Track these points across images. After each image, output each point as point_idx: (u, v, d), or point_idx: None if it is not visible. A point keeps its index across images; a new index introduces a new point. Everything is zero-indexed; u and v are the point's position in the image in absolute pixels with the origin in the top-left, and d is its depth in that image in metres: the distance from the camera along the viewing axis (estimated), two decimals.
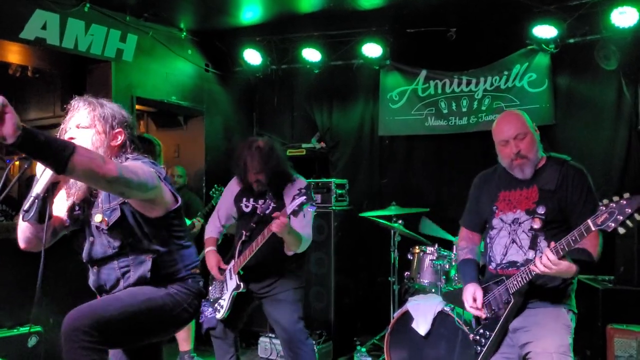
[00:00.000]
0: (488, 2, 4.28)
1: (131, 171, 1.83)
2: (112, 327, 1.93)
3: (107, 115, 2.03)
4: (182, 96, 5.28)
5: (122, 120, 2.07)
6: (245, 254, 3.08)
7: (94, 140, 2.00)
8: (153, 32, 4.91)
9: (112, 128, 2.03)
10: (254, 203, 3.21)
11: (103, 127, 2.02)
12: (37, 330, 3.63)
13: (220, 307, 3.17)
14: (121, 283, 2.08)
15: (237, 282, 3.11)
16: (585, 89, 4.52)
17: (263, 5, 4.64)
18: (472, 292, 2.46)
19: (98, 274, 2.11)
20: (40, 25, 4.08)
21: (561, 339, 2.30)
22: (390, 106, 5.22)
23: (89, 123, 2.02)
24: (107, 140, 2.02)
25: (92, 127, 2.02)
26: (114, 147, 2.05)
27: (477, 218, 2.64)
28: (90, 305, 2.00)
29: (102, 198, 2.04)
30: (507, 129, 2.44)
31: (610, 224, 2.01)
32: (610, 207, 2.02)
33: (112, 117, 2.04)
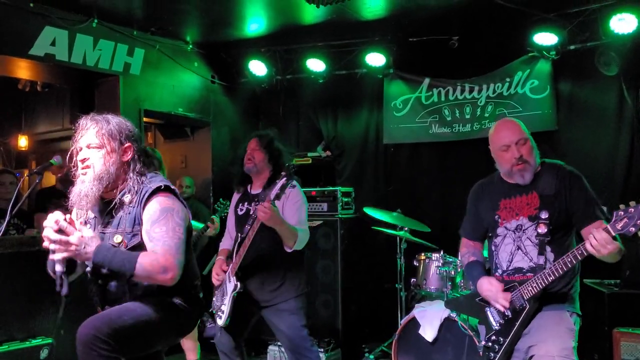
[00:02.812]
0: (489, 10, 4.32)
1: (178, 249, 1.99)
2: (127, 336, 1.98)
3: (114, 132, 2.07)
4: (189, 108, 5.34)
5: (129, 135, 2.11)
6: (240, 252, 3.04)
7: (105, 160, 2.05)
8: (160, 45, 4.99)
9: (122, 144, 2.08)
10: (248, 205, 3.23)
11: (112, 145, 2.07)
12: (48, 342, 3.67)
13: (222, 313, 3.12)
14: (127, 296, 2.11)
15: (234, 282, 3.05)
16: (586, 95, 4.55)
17: (267, 17, 4.70)
18: (488, 282, 2.45)
19: (105, 287, 2.13)
20: (49, 42, 4.16)
21: (564, 342, 2.30)
22: (395, 114, 5.26)
23: (99, 143, 2.06)
24: (118, 156, 2.07)
25: (103, 146, 2.06)
26: (125, 162, 2.09)
27: (477, 227, 2.66)
28: (106, 315, 2.04)
29: (124, 221, 2.07)
30: (508, 135, 2.47)
31: (631, 229, 2.02)
32: (629, 212, 2.04)
33: (119, 133, 2.08)
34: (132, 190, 2.07)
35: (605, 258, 2.18)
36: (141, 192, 2.05)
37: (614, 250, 2.10)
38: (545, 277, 2.28)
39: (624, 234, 2.05)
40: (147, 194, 2.03)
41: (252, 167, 3.20)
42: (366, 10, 4.43)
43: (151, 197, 2.03)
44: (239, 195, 3.36)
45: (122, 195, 2.08)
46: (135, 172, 2.09)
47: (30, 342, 3.63)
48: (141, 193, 2.05)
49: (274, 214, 2.85)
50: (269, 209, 2.79)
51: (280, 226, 2.93)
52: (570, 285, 2.45)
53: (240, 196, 3.35)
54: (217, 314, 3.15)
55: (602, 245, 2.09)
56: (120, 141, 2.07)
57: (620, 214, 2.06)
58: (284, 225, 2.94)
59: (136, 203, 2.05)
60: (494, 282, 2.44)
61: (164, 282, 1.96)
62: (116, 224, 2.08)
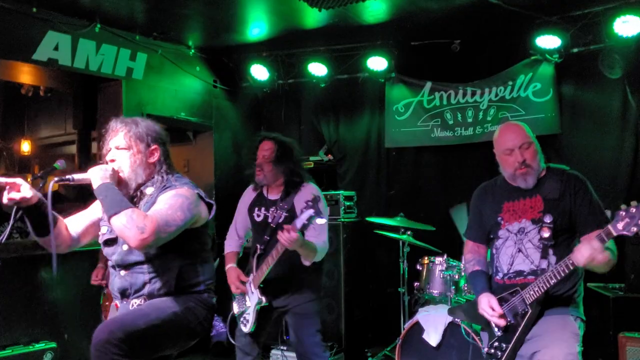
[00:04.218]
0: (491, 13, 4.31)
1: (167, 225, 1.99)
2: (140, 340, 2.01)
3: (142, 134, 2.15)
4: (191, 112, 5.34)
5: (156, 137, 2.19)
6: (262, 268, 3.02)
7: (132, 161, 2.13)
8: (162, 50, 5.00)
9: (149, 146, 2.16)
10: (265, 212, 3.17)
11: (139, 147, 2.15)
12: (51, 346, 3.67)
13: (247, 322, 3.12)
14: (147, 288, 2.14)
15: (258, 296, 3.05)
16: (590, 98, 4.53)
17: (269, 21, 4.71)
18: (488, 302, 2.43)
19: (125, 277, 2.16)
20: (52, 47, 4.16)
21: (569, 347, 2.29)
22: (396, 118, 5.26)
23: (127, 144, 2.14)
24: (144, 158, 2.15)
25: (130, 148, 2.14)
26: (152, 164, 2.17)
27: (481, 230, 2.65)
28: (120, 319, 2.06)
29: (141, 208, 2.13)
30: (512, 138, 2.46)
31: (633, 228, 2.02)
32: (630, 212, 2.03)
33: (147, 135, 2.16)
34: (156, 185, 2.15)
35: (594, 268, 2.20)
36: (163, 186, 2.14)
37: (603, 260, 2.12)
38: (547, 280, 2.27)
39: (625, 235, 2.04)
40: (170, 187, 2.12)
41: (262, 179, 3.14)
42: (368, 14, 4.43)
43: (173, 188, 2.12)
44: (254, 196, 3.27)
45: (144, 188, 2.16)
46: (162, 173, 2.17)
47: (34, 346, 3.63)
48: (163, 186, 2.13)
49: (299, 242, 2.81)
50: (294, 240, 2.75)
51: (301, 248, 2.90)
52: (574, 289, 2.43)
53: (256, 198, 3.26)
54: (242, 321, 3.15)
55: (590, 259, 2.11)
56: (147, 143, 2.15)
57: (621, 214, 2.05)
58: (305, 246, 2.91)
59: (155, 193, 2.13)
60: (494, 306, 2.42)
61: (132, 239, 1.94)
62: None
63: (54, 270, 2.01)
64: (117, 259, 2.19)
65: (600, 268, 2.20)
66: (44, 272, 3.94)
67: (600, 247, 2.10)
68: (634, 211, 2.02)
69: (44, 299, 3.93)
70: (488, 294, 2.46)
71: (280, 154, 3.09)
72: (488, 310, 2.42)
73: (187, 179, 2.22)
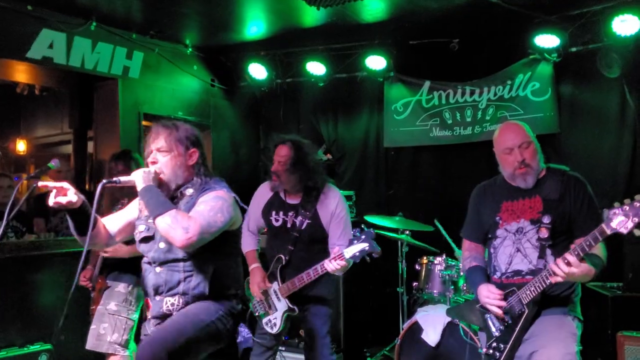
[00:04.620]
0: (490, 12, 4.30)
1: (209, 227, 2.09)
2: (180, 353, 2.09)
3: (182, 138, 2.24)
4: (189, 111, 5.32)
5: (194, 141, 2.27)
6: (294, 283, 2.97)
7: (172, 163, 2.22)
8: (159, 49, 4.97)
9: (187, 149, 2.24)
10: (284, 216, 3.10)
11: (179, 150, 2.23)
12: (47, 348, 3.64)
13: (274, 325, 3.09)
14: (181, 286, 2.19)
15: (288, 305, 3.02)
16: (588, 97, 4.53)
17: (267, 20, 4.69)
18: (487, 289, 2.43)
19: (160, 274, 2.21)
20: (47, 45, 4.13)
21: (566, 347, 2.29)
22: (395, 117, 5.25)
23: (168, 147, 2.22)
24: (184, 160, 2.23)
25: (171, 150, 2.23)
26: (190, 166, 2.25)
27: (478, 229, 2.64)
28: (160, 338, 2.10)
29: (181, 208, 2.19)
30: (511, 137, 2.46)
31: (628, 225, 2.00)
32: (624, 210, 2.02)
33: (186, 139, 2.25)
34: (195, 186, 2.24)
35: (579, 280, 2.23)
36: (205, 188, 2.22)
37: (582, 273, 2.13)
38: (544, 280, 2.26)
39: (620, 232, 2.03)
40: (209, 190, 2.21)
41: (279, 185, 3.08)
42: (366, 13, 4.42)
43: (212, 191, 2.21)
44: (271, 196, 3.18)
45: (184, 189, 2.24)
46: (200, 175, 2.26)
47: (29, 348, 3.61)
48: (203, 188, 2.22)
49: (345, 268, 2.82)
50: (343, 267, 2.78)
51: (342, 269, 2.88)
52: (571, 289, 2.43)
53: (273, 199, 3.17)
54: (267, 324, 3.12)
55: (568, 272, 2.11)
56: (187, 146, 2.23)
57: (615, 212, 2.04)
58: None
59: (195, 195, 2.22)
60: (493, 289, 2.42)
61: (177, 239, 2.04)
62: None
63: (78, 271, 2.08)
64: (153, 255, 2.24)
65: (581, 280, 2.22)
66: (40, 273, 3.91)
67: (576, 262, 2.10)
68: (627, 208, 2.01)
69: (39, 300, 3.90)
70: (486, 284, 2.46)
71: (297, 160, 3.01)
72: (489, 295, 2.40)
73: (224, 183, 2.30)
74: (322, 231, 3.04)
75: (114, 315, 3.31)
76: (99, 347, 3.28)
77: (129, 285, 3.37)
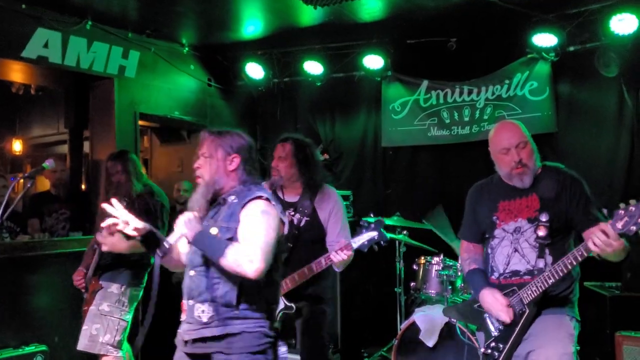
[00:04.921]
0: (488, 11, 4.29)
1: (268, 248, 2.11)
2: None
3: (223, 144, 2.28)
4: (185, 111, 5.30)
5: (237, 147, 2.29)
6: (294, 278, 2.93)
7: (213, 167, 2.26)
8: (155, 48, 4.94)
9: (229, 154, 2.27)
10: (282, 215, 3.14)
11: (219, 155, 2.27)
12: (42, 349, 3.62)
13: None
14: (208, 292, 2.18)
15: (285, 303, 2.96)
16: (586, 96, 4.52)
17: (264, 19, 4.67)
18: (492, 296, 2.39)
19: (192, 278, 2.22)
20: (42, 44, 4.11)
21: (564, 348, 2.27)
22: (393, 117, 5.23)
23: (209, 152, 2.28)
24: (223, 165, 2.26)
25: (211, 156, 2.27)
26: (231, 172, 2.27)
27: (476, 229, 2.62)
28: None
29: (222, 215, 2.23)
30: (508, 137, 2.44)
31: (632, 228, 1.98)
32: (629, 211, 1.99)
33: (229, 146, 2.28)
34: (240, 193, 2.26)
35: (610, 257, 2.12)
36: (246, 195, 2.22)
37: (619, 247, 2.05)
38: (545, 280, 2.25)
39: (625, 233, 2.00)
40: (250, 197, 2.21)
41: (279, 179, 3.06)
42: (364, 12, 4.40)
43: (253, 200, 2.20)
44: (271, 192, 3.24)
45: (227, 196, 2.27)
46: (242, 182, 2.28)
47: (24, 349, 3.58)
48: (246, 196, 2.22)
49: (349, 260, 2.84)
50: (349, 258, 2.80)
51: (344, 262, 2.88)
52: (570, 290, 2.41)
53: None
54: None
55: (607, 244, 2.03)
56: (227, 152, 2.27)
57: (620, 213, 2.02)
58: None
59: (237, 203, 2.22)
60: (499, 297, 2.38)
61: (248, 272, 2.05)
62: (215, 217, 2.25)
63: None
64: (188, 257, 2.29)
65: (615, 256, 2.13)
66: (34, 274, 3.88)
67: (615, 234, 2.03)
68: (633, 210, 1.99)
69: (34, 301, 3.87)
70: (490, 288, 2.42)
71: (296, 154, 3.03)
72: (495, 303, 2.36)
73: (268, 192, 2.31)
74: (321, 229, 3.03)
75: (106, 316, 3.28)
76: (91, 348, 3.26)
77: (122, 286, 3.34)
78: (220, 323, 2.13)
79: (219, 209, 2.24)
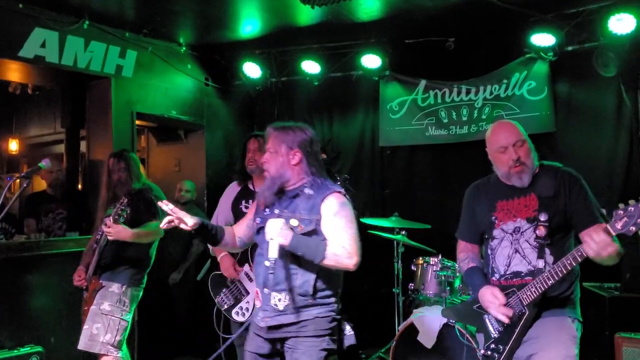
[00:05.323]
0: (486, 11, 4.28)
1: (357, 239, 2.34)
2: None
3: (286, 139, 2.41)
4: (182, 111, 5.28)
5: (299, 142, 2.41)
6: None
7: (278, 162, 2.40)
8: (152, 47, 4.92)
9: (291, 149, 2.40)
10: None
11: (282, 150, 2.40)
12: (37, 350, 3.59)
13: (246, 311, 3.15)
14: (286, 282, 2.33)
15: None
16: (584, 96, 4.52)
17: (262, 18, 4.65)
18: (491, 293, 2.37)
19: (268, 269, 2.30)
20: (39, 43, 4.09)
21: (567, 350, 2.26)
22: (391, 116, 5.22)
23: (273, 148, 2.42)
24: (286, 160, 2.40)
25: (277, 151, 2.41)
26: (294, 166, 2.41)
27: (474, 229, 2.61)
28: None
29: (301, 208, 2.36)
30: (505, 136, 2.43)
31: (632, 228, 1.97)
32: (628, 211, 1.98)
33: (292, 141, 2.40)
34: (314, 186, 2.40)
35: (604, 261, 2.13)
36: (322, 188, 2.38)
37: (613, 252, 2.06)
38: (545, 281, 2.23)
39: (625, 234, 2.00)
40: (329, 192, 2.36)
41: (255, 168, 3.25)
42: (362, 12, 4.39)
43: (331, 194, 2.36)
44: (239, 190, 3.36)
45: (303, 188, 2.40)
46: (309, 174, 2.41)
47: (19, 350, 3.55)
48: (322, 189, 2.38)
49: None
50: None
51: None
52: (570, 290, 2.40)
53: (241, 192, 3.35)
54: (239, 313, 3.19)
55: (601, 248, 2.04)
56: (290, 147, 2.39)
57: (619, 213, 2.01)
58: None
59: (316, 196, 2.36)
60: (498, 294, 2.36)
61: (349, 266, 2.31)
62: (293, 209, 2.38)
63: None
64: (266, 252, 2.35)
65: (609, 260, 2.14)
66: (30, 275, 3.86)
67: (609, 239, 2.04)
68: (632, 210, 1.98)
69: (30, 302, 3.85)
70: (489, 286, 2.41)
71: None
72: (494, 301, 2.35)
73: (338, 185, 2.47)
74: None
75: (107, 316, 3.27)
76: (91, 348, 3.24)
77: (123, 285, 3.33)
78: (296, 311, 2.32)
79: (293, 200, 2.39)
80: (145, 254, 3.46)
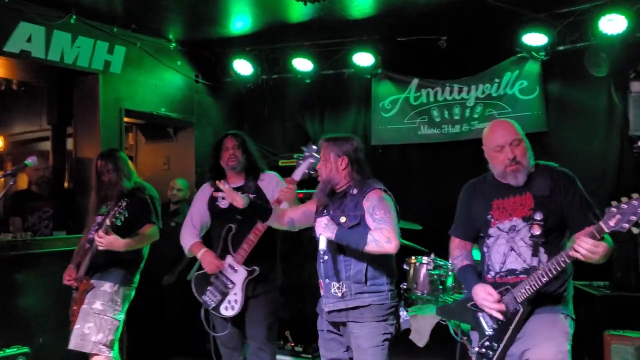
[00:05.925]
0: (478, 10, 4.29)
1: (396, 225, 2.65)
2: None
3: (334, 148, 2.76)
4: (172, 108, 5.22)
5: (345, 151, 2.75)
6: (244, 247, 3.16)
7: (328, 168, 2.75)
8: (141, 43, 4.86)
9: (338, 156, 2.75)
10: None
11: (330, 158, 2.76)
12: (24, 351, 3.53)
13: (235, 303, 3.17)
14: (342, 273, 2.66)
15: (246, 270, 3.18)
16: (576, 96, 4.55)
17: (253, 14, 4.61)
18: (484, 291, 2.39)
19: (327, 263, 2.64)
20: (25, 38, 4.02)
21: (559, 346, 2.27)
22: (383, 115, 5.21)
23: (326, 156, 2.77)
24: (335, 166, 2.74)
25: (327, 159, 2.76)
26: (342, 171, 2.75)
27: (469, 227, 2.62)
28: None
29: (348, 206, 2.69)
30: (502, 135, 2.43)
31: (624, 225, 1.97)
32: (621, 208, 1.99)
33: (338, 149, 2.75)
34: (359, 186, 2.73)
35: (597, 261, 2.15)
36: (364, 187, 2.70)
37: (603, 253, 2.10)
38: (539, 279, 2.24)
39: (618, 231, 2.01)
40: (370, 189, 2.69)
41: (237, 164, 3.35)
42: (354, 9, 4.37)
43: (372, 190, 2.68)
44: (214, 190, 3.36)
45: (349, 189, 2.74)
46: (354, 176, 2.75)
47: (5, 351, 3.49)
48: (364, 187, 2.70)
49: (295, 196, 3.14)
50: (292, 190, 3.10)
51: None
52: (563, 288, 2.41)
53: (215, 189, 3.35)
54: (228, 308, 3.19)
55: (590, 253, 2.08)
56: (338, 155, 2.75)
57: (612, 211, 2.01)
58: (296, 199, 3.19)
59: (359, 195, 2.69)
60: (492, 292, 2.38)
61: (390, 250, 2.56)
62: (342, 208, 2.71)
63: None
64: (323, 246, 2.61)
65: (602, 259, 2.16)
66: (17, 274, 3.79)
67: (595, 242, 2.06)
68: (625, 207, 1.98)
69: (16, 302, 3.78)
70: (482, 284, 2.43)
71: (243, 144, 3.41)
72: (487, 297, 2.36)
73: (381, 183, 2.77)
74: (267, 202, 3.25)
75: (99, 315, 3.22)
76: (83, 347, 3.20)
77: (114, 284, 3.29)
78: (352, 297, 2.64)
79: (343, 200, 2.72)
80: (137, 254, 3.41)
